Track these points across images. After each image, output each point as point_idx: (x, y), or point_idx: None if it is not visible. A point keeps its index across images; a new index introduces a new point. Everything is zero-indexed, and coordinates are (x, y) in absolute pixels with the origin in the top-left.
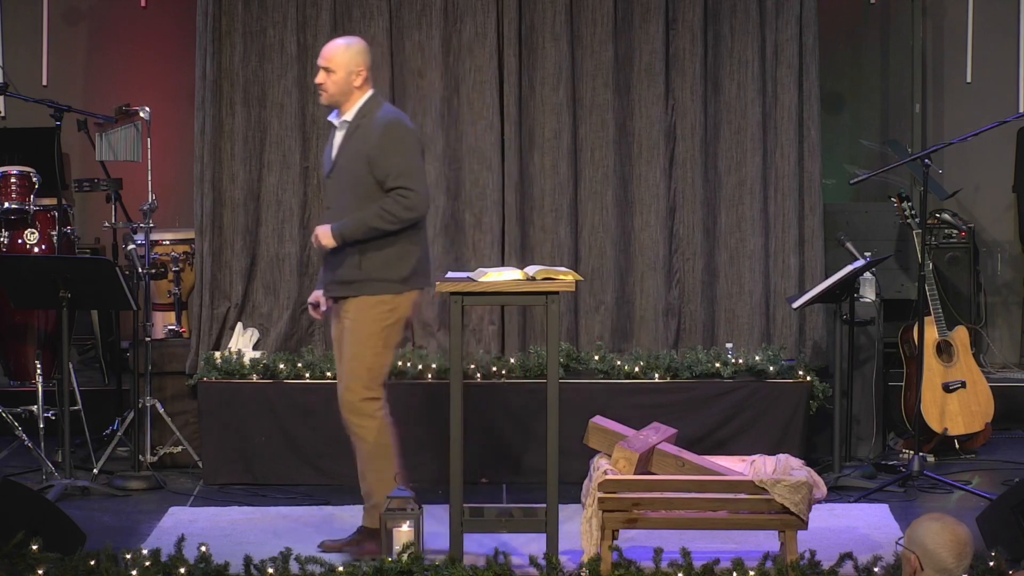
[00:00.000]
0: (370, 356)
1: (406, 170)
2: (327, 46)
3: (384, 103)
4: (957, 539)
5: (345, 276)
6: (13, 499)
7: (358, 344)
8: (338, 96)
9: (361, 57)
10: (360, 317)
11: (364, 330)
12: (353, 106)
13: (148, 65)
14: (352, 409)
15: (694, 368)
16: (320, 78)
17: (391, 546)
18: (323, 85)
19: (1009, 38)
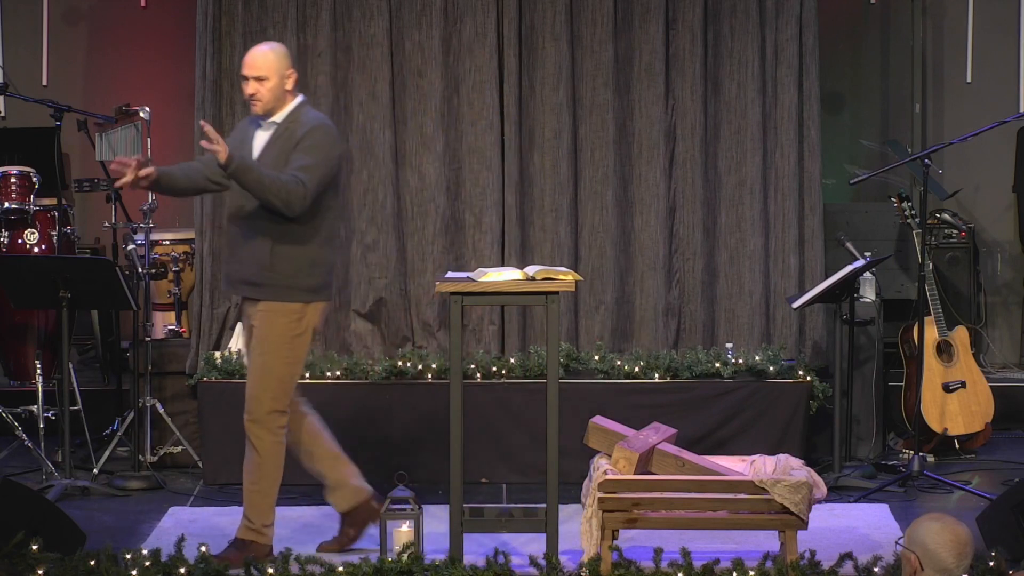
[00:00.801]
0: (280, 367)
1: (311, 168)
2: (252, 55)
3: (313, 110)
4: (957, 539)
5: (255, 277)
6: (13, 499)
7: (267, 354)
8: (272, 103)
9: (288, 60)
10: (268, 324)
11: (273, 339)
12: (283, 110)
13: (148, 65)
14: (256, 419)
15: (694, 368)
16: (252, 89)
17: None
18: (257, 95)
19: (1009, 38)
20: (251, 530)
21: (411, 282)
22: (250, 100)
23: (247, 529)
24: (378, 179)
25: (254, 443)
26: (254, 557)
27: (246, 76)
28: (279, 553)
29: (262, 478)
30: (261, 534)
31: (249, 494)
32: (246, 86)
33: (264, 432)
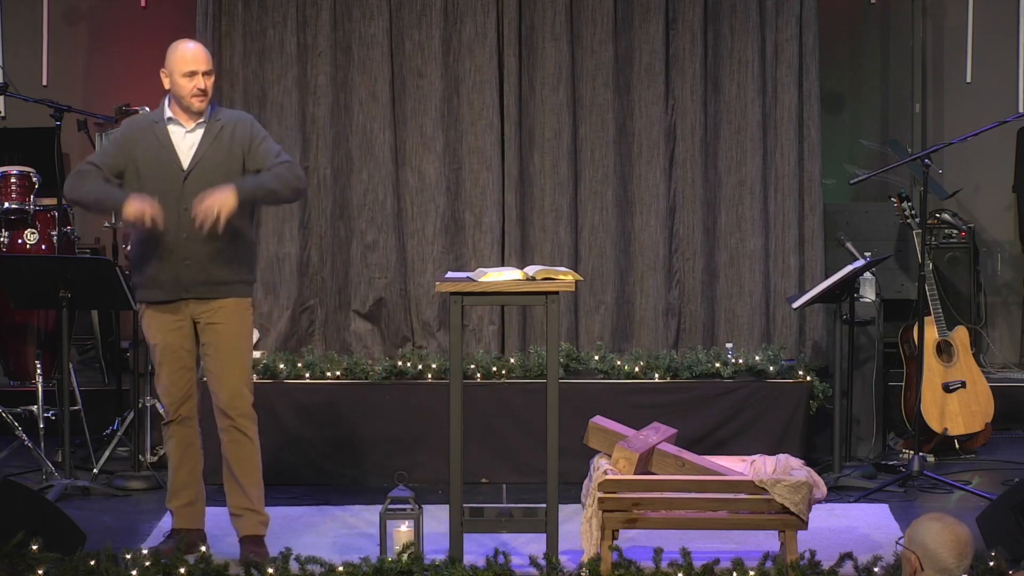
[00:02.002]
0: (248, 360)
1: (283, 151)
2: (199, 50)
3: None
4: (957, 539)
5: (220, 276)
6: (13, 499)
7: (240, 350)
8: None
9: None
10: (239, 320)
11: (244, 334)
12: (205, 108)
13: (148, 65)
14: (245, 413)
15: (694, 368)
16: (205, 84)
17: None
18: (207, 90)
19: (1009, 38)
20: (263, 525)
21: (411, 282)
22: (198, 96)
23: (260, 524)
24: (378, 179)
25: (249, 436)
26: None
27: (196, 71)
28: (279, 553)
29: (257, 469)
30: (266, 527)
31: (251, 488)
32: (196, 80)
33: (253, 424)
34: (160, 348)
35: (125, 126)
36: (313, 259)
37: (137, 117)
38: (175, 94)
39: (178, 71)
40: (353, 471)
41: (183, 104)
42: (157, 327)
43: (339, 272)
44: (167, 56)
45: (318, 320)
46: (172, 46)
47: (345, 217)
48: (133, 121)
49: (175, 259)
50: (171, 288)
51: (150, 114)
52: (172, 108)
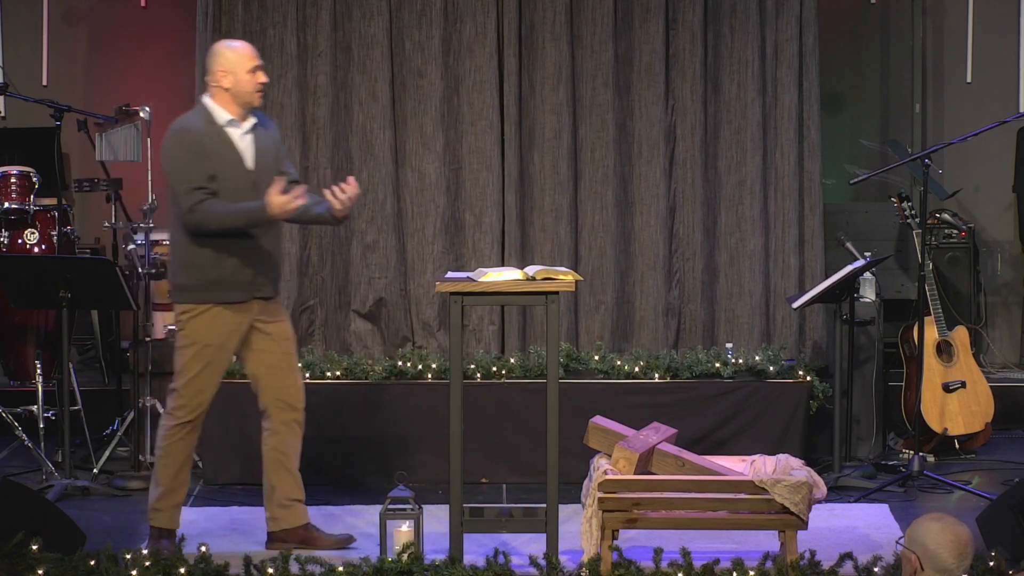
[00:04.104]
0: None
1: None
2: (251, 46)
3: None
4: (958, 539)
5: (279, 274)
6: (13, 499)
7: (295, 352)
8: None
9: None
10: (287, 316)
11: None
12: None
13: (148, 65)
14: (303, 408)
15: (694, 368)
16: (265, 78)
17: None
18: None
19: (1009, 38)
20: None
21: (411, 282)
22: (261, 91)
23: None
24: (378, 179)
25: (303, 430)
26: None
27: (258, 66)
28: (279, 553)
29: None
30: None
31: (298, 477)
32: (259, 75)
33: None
34: (214, 348)
35: (186, 134)
36: (313, 259)
37: (189, 123)
38: (237, 91)
39: (242, 68)
40: (353, 471)
41: (243, 100)
42: (221, 328)
43: (339, 272)
44: (220, 56)
45: (318, 320)
46: (223, 47)
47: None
48: (191, 128)
49: (251, 259)
50: (247, 288)
51: (198, 118)
52: (229, 108)
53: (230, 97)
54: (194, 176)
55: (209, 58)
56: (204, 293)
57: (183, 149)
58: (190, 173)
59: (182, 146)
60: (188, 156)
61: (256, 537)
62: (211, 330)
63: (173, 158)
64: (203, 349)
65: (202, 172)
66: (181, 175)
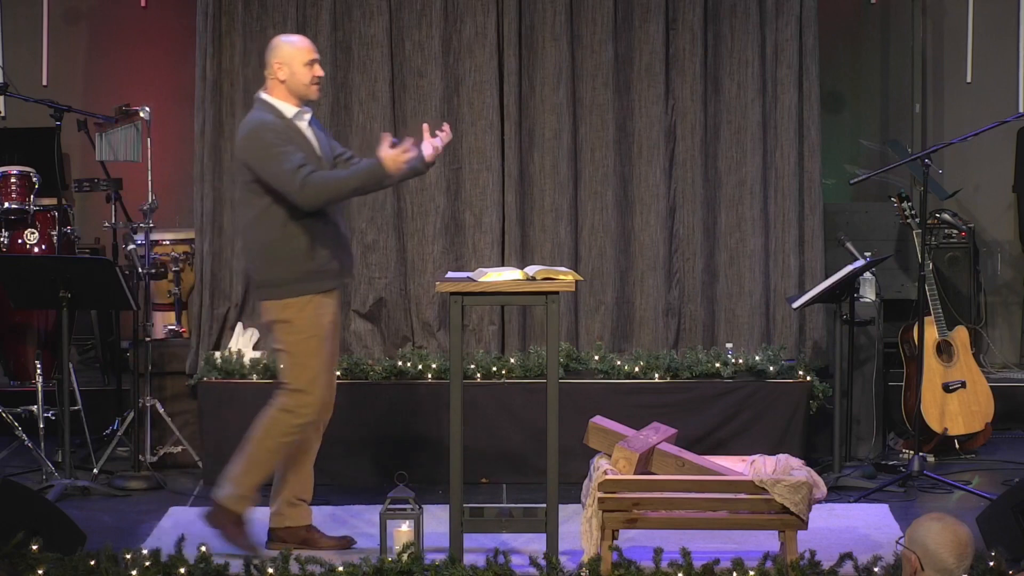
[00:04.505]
0: None
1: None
2: (310, 42)
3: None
4: (958, 539)
5: (354, 259)
6: (13, 499)
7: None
8: None
9: None
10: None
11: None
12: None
13: (148, 65)
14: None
15: (694, 368)
16: (321, 71)
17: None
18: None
19: (1009, 38)
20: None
21: (411, 282)
22: (318, 84)
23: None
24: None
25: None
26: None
27: (315, 59)
28: (279, 553)
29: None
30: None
31: (311, 477)
32: (315, 68)
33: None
34: (328, 340)
35: (268, 123)
36: None
37: (265, 118)
38: (294, 84)
39: (298, 61)
40: (353, 471)
41: (299, 93)
42: (326, 317)
43: None
44: (276, 49)
45: None
46: (284, 40)
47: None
48: (269, 122)
49: (337, 246)
50: (338, 274)
51: (267, 114)
52: (288, 101)
53: (286, 90)
54: (292, 156)
55: (267, 52)
56: (305, 284)
57: (272, 135)
58: (287, 154)
59: (270, 133)
60: (278, 142)
61: (256, 537)
62: (320, 321)
63: (263, 146)
64: (320, 341)
65: (296, 150)
66: (278, 161)
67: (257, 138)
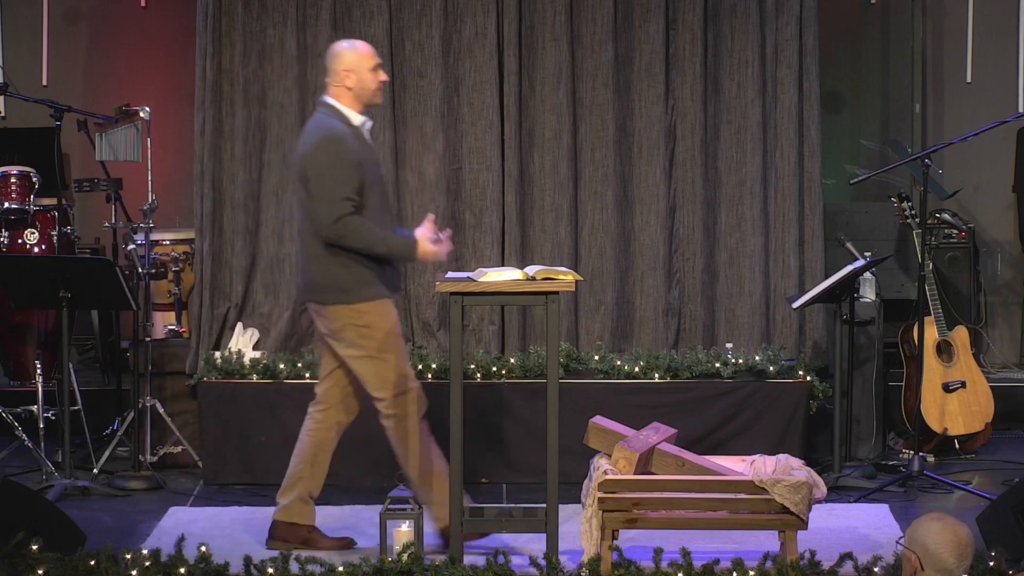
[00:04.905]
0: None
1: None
2: (371, 46)
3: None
4: (958, 539)
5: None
6: (13, 499)
7: None
8: None
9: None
10: None
11: None
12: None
13: (148, 65)
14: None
15: (694, 368)
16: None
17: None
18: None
19: (1009, 38)
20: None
21: (411, 282)
22: (381, 89)
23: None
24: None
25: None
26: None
27: (380, 64)
28: (279, 553)
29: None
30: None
31: (324, 478)
32: (380, 73)
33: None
34: (402, 337)
35: (341, 143)
36: None
37: (337, 129)
38: (361, 90)
39: (365, 66)
40: (353, 471)
41: (366, 100)
42: (393, 318)
43: None
44: (341, 57)
45: None
46: (348, 46)
47: None
48: (341, 135)
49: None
50: (398, 279)
51: (337, 122)
52: (354, 108)
53: (353, 97)
54: (345, 187)
55: (329, 59)
56: (376, 288)
57: (338, 158)
58: (342, 183)
59: (337, 154)
60: (342, 166)
61: (256, 537)
62: (390, 318)
63: (326, 165)
64: (398, 338)
65: (353, 182)
66: (332, 184)
67: (323, 154)
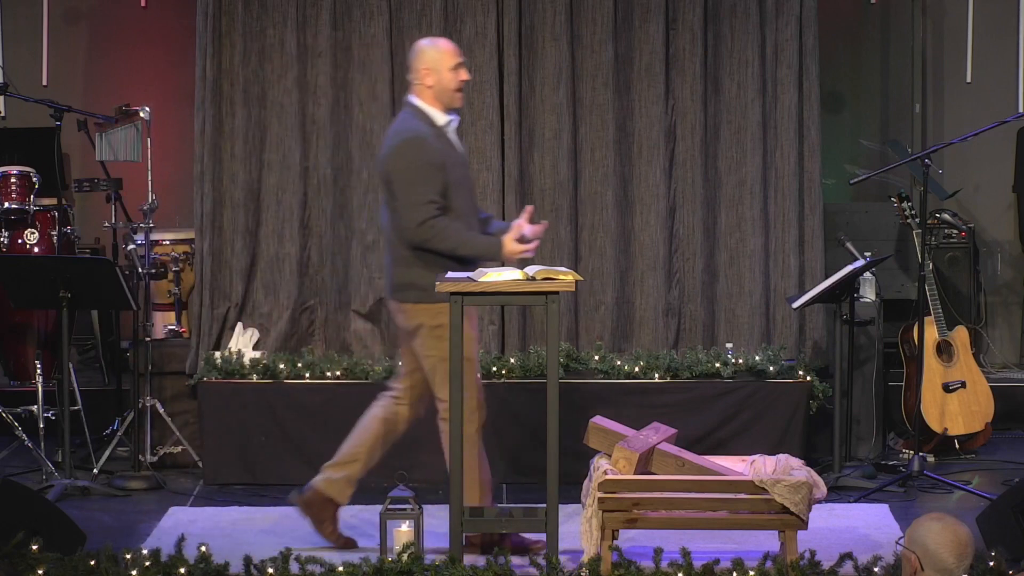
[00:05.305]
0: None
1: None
2: (454, 45)
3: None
4: (958, 539)
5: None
6: (13, 499)
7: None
8: None
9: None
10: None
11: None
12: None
13: (148, 65)
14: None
15: (694, 368)
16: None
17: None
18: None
19: (1009, 38)
20: None
21: None
22: (462, 89)
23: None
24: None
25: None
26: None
27: (461, 62)
28: (279, 553)
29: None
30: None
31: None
32: (461, 72)
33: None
34: (477, 343)
35: (426, 144)
36: (313, 259)
37: (421, 130)
38: (440, 89)
39: (446, 65)
40: None
41: (446, 99)
42: (470, 323)
43: (339, 272)
44: (422, 54)
45: (318, 320)
46: (430, 44)
47: (345, 217)
48: (424, 137)
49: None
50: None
51: (421, 122)
52: (436, 107)
53: (434, 95)
54: (430, 190)
55: (412, 56)
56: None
57: (423, 160)
58: (425, 187)
59: (418, 158)
60: (427, 168)
61: (255, 537)
62: (467, 323)
63: (407, 169)
64: (471, 343)
65: (436, 185)
66: (417, 186)
67: (405, 155)
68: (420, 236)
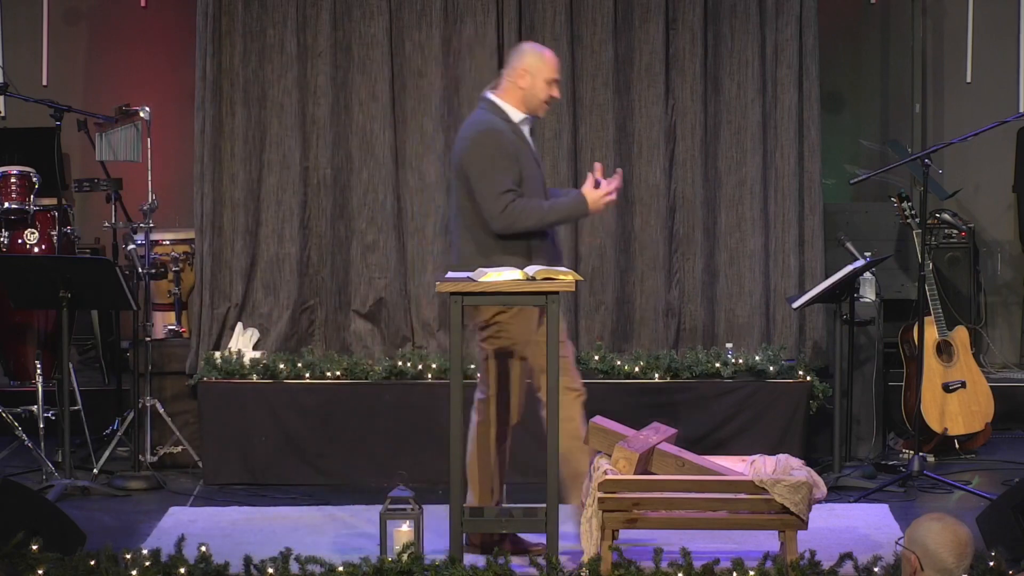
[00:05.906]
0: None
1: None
2: (558, 61)
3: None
4: (957, 539)
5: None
6: (13, 499)
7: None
8: None
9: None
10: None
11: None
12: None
13: (148, 65)
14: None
15: (694, 368)
16: (559, 92)
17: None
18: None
19: (1009, 38)
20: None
21: (411, 282)
22: (548, 104)
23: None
24: (378, 179)
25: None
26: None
27: (558, 79)
28: (279, 553)
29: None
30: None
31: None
32: (554, 89)
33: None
34: (537, 346)
35: (500, 136)
36: (313, 259)
37: (496, 123)
38: (530, 95)
39: (543, 76)
40: (353, 471)
41: (531, 106)
42: (533, 324)
43: (339, 272)
44: (526, 56)
45: (318, 320)
46: (536, 49)
47: (345, 217)
48: (499, 130)
49: (555, 252)
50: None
51: (496, 117)
52: (518, 108)
53: (522, 97)
54: (506, 179)
55: (514, 54)
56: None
57: (497, 151)
58: (505, 174)
59: (496, 148)
60: (502, 159)
61: (255, 537)
62: (534, 324)
63: (485, 159)
64: (538, 346)
65: (513, 174)
66: (493, 178)
67: (481, 146)
68: (504, 222)
